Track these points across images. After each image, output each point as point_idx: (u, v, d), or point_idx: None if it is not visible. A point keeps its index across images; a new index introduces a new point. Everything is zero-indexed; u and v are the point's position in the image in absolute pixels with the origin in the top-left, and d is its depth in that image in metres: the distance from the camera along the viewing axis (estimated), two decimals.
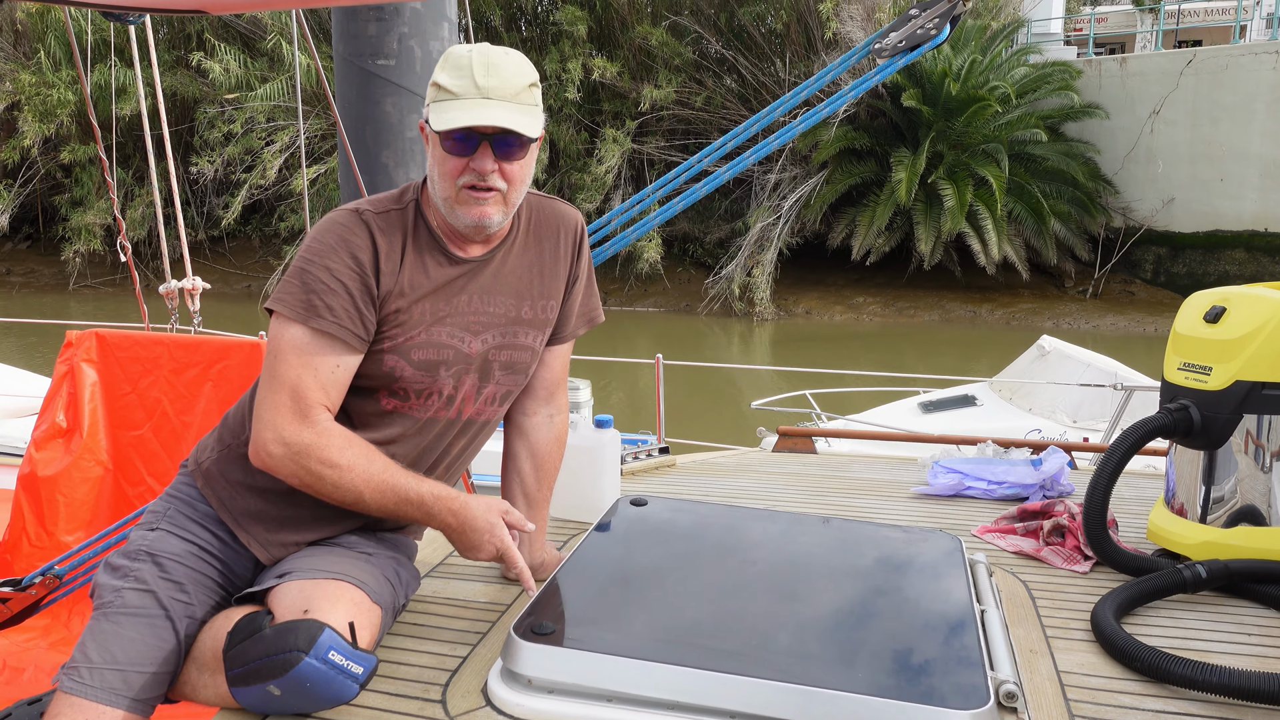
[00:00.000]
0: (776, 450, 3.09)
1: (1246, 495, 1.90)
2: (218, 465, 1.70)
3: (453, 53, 1.63)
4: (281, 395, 1.56)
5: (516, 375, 1.78)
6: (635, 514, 1.95)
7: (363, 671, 1.39)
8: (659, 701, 1.36)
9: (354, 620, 1.44)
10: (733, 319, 17.44)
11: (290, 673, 1.34)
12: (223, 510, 1.67)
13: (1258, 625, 1.73)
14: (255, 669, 1.37)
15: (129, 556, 1.60)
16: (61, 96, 18.83)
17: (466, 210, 1.64)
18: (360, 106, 3.53)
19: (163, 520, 1.66)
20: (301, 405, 1.56)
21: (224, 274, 20.20)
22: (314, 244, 1.61)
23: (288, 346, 1.58)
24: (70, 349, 3.41)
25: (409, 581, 1.73)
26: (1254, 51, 16.30)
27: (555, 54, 18.38)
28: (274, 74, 18.61)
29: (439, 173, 1.64)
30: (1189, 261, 17.22)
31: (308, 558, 1.61)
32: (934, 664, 1.40)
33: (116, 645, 1.49)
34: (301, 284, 1.58)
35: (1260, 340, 1.84)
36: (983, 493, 2.49)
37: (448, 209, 1.65)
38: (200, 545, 1.64)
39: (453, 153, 1.61)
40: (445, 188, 1.64)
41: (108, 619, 1.52)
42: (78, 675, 1.46)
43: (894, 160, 16.57)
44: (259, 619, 1.44)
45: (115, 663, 1.47)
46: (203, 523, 1.67)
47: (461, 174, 1.62)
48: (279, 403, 1.56)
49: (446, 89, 1.60)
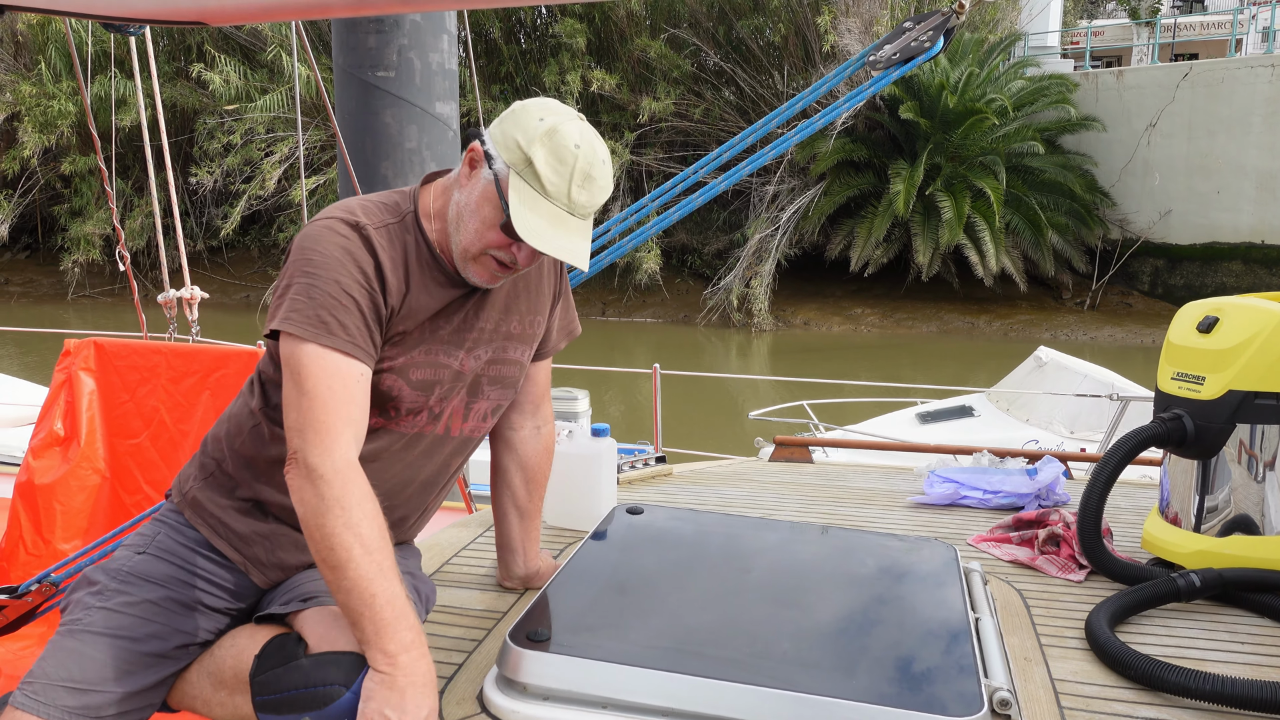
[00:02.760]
0: (773, 460, 3.10)
1: (1240, 504, 1.91)
2: (203, 492, 1.64)
3: (563, 133, 1.49)
4: (311, 414, 1.43)
5: (506, 390, 1.74)
6: (631, 522, 1.96)
7: None
8: (654, 708, 1.36)
9: None
10: (731, 330, 17.46)
11: (330, 706, 1.32)
12: (215, 538, 1.61)
13: (1251, 634, 1.73)
14: (290, 699, 1.34)
15: (109, 575, 1.55)
16: (62, 107, 18.89)
17: (479, 273, 1.56)
18: (360, 118, 3.55)
19: (151, 544, 1.60)
20: (329, 430, 1.43)
21: (223, 284, 20.22)
22: (314, 254, 1.49)
23: (307, 367, 1.44)
24: (68, 357, 3.41)
25: (428, 596, 1.68)
26: (1249, 65, 16.39)
27: (554, 66, 18.45)
28: (274, 85, 18.68)
29: (473, 228, 1.53)
30: (1186, 273, 17.27)
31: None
32: (928, 672, 1.41)
33: (75, 663, 1.45)
34: (309, 299, 1.46)
35: (1253, 350, 1.85)
36: (978, 502, 2.50)
37: (461, 257, 1.56)
38: (189, 569, 1.58)
39: (506, 234, 1.51)
40: (469, 242, 1.54)
41: (73, 636, 1.48)
42: (31, 691, 1.43)
43: (892, 172, 16.63)
44: (291, 646, 1.40)
45: (72, 680, 1.43)
46: (193, 547, 1.61)
47: (496, 248, 1.53)
48: (307, 423, 1.43)
49: (541, 178, 1.48)
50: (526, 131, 1.49)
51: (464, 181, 1.55)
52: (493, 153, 1.51)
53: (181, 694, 1.51)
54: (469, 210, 1.53)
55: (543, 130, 1.49)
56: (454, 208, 1.56)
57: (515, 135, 1.50)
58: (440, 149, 3.65)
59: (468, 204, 1.54)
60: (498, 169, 1.50)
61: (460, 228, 1.55)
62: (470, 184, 1.54)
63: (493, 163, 1.51)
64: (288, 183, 18.53)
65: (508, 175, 1.49)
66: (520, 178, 1.49)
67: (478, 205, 1.52)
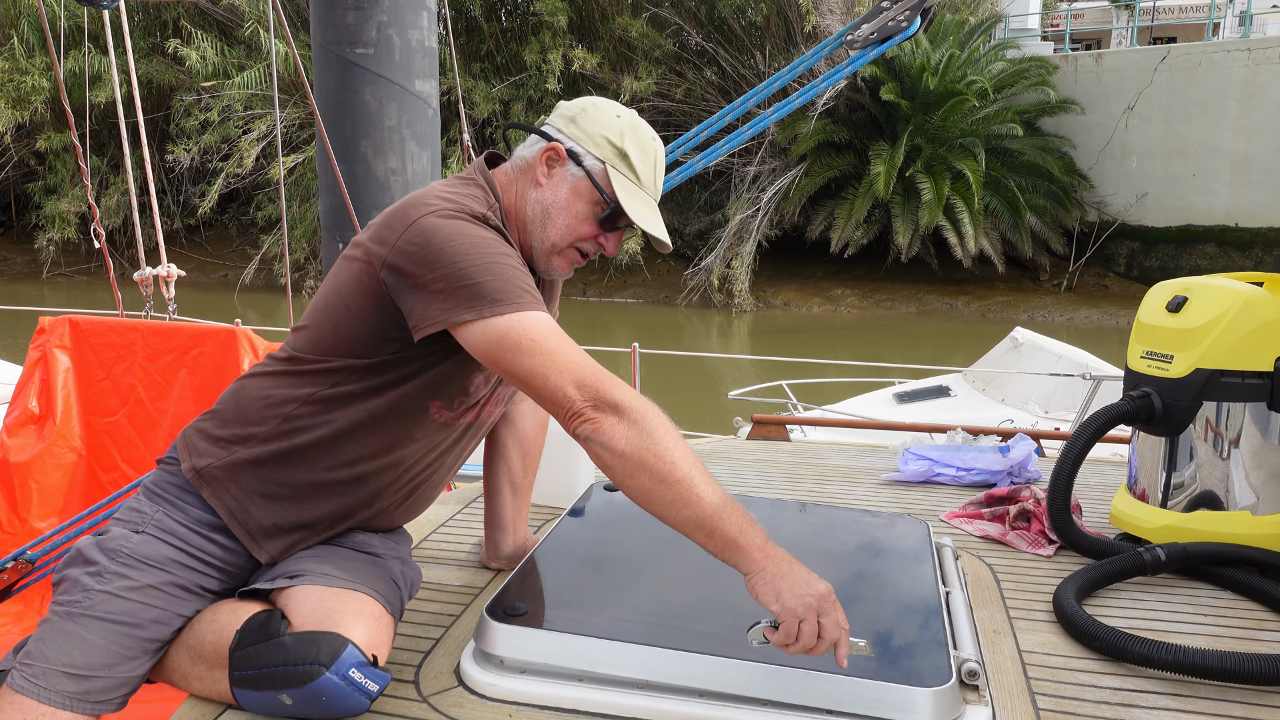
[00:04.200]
0: (751, 438, 3.12)
1: (1205, 481, 1.95)
2: (226, 472, 1.57)
3: (642, 129, 1.62)
4: (575, 365, 1.40)
5: None
6: (608, 499, 1.98)
7: (377, 690, 1.36)
8: (630, 681, 1.38)
9: (374, 637, 1.42)
10: (712, 310, 17.48)
11: (309, 685, 1.32)
12: (233, 521, 1.57)
13: (1213, 606, 1.77)
14: (269, 675, 1.34)
15: (107, 555, 1.51)
16: (35, 83, 18.61)
17: (561, 267, 1.63)
18: (339, 95, 3.52)
19: (148, 523, 1.55)
20: (600, 371, 1.41)
21: (200, 263, 20.04)
22: (470, 240, 1.45)
23: (539, 333, 1.41)
24: (43, 335, 3.39)
25: (413, 581, 1.67)
26: (1226, 49, 16.49)
27: (535, 45, 18.33)
28: (251, 62, 18.46)
29: (565, 223, 1.59)
30: (1161, 256, 17.42)
31: (316, 560, 1.54)
32: (899, 643, 1.44)
33: (77, 649, 1.43)
34: (498, 278, 1.43)
35: (1220, 329, 1.89)
36: (952, 479, 2.53)
37: (544, 253, 1.61)
38: (189, 552, 1.55)
39: (600, 225, 1.60)
40: (559, 237, 1.60)
41: (72, 619, 1.45)
42: (31, 675, 1.41)
43: (872, 153, 16.65)
44: (274, 622, 1.39)
45: (73, 666, 1.41)
46: (193, 527, 1.57)
47: (585, 240, 1.61)
48: (579, 373, 1.40)
49: (635, 169, 1.59)
50: (613, 128, 1.59)
51: (542, 180, 1.60)
52: (578, 150, 1.59)
53: (160, 665, 1.49)
54: (558, 207, 1.59)
55: (626, 125, 1.60)
56: (535, 206, 1.61)
57: (603, 132, 1.59)
58: (420, 127, 3.63)
59: (555, 201, 1.59)
60: (590, 165, 1.58)
61: (548, 225, 1.60)
62: (553, 182, 1.60)
63: (581, 160, 1.59)
64: (266, 161, 18.35)
65: (603, 170, 1.58)
66: (618, 171, 1.58)
67: (568, 201, 1.59)
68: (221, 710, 1.40)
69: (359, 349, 1.54)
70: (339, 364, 1.55)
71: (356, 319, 1.53)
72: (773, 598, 1.33)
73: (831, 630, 1.31)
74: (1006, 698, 1.43)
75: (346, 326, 1.54)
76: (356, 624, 1.41)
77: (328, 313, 1.56)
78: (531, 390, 1.42)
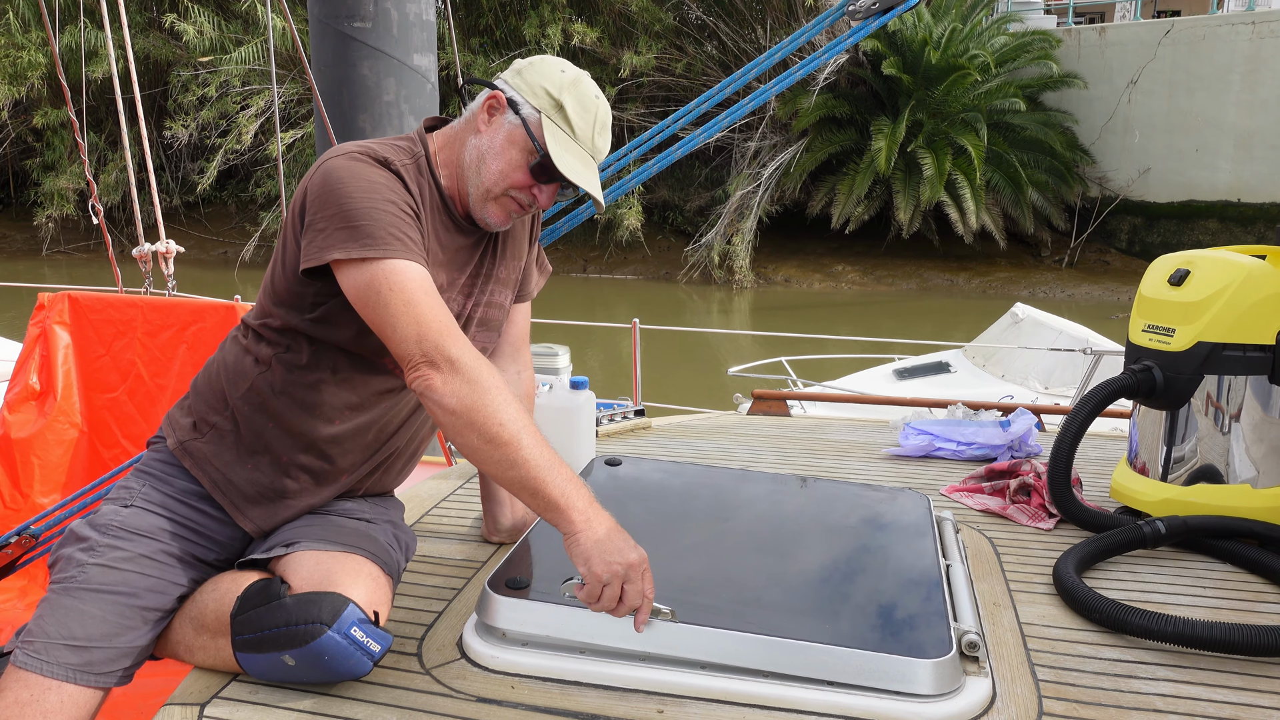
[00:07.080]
0: (751, 413, 3.12)
1: (1206, 454, 1.95)
2: (208, 445, 1.62)
3: (584, 85, 1.62)
4: (427, 318, 1.43)
5: (490, 333, 1.79)
6: (610, 474, 1.98)
7: (380, 649, 1.36)
8: (631, 653, 1.39)
9: (373, 596, 1.43)
10: (712, 287, 17.45)
11: (311, 644, 1.32)
12: (216, 491, 1.61)
13: (1213, 578, 1.78)
14: (271, 636, 1.34)
15: (99, 530, 1.53)
16: (31, 59, 18.47)
17: (496, 213, 1.64)
18: (336, 70, 3.50)
19: (136, 497, 1.59)
20: (450, 326, 1.44)
21: (200, 240, 19.98)
22: (357, 182, 1.49)
23: (401, 281, 1.43)
24: (43, 311, 3.38)
25: (408, 544, 1.70)
26: (1230, 22, 16.35)
27: (534, 19, 18.19)
28: (249, 37, 18.32)
29: (498, 169, 1.60)
30: (1163, 231, 17.36)
31: (310, 527, 1.57)
32: (900, 616, 1.44)
33: (76, 621, 1.44)
34: (373, 221, 1.46)
35: (1222, 302, 1.88)
36: (952, 454, 2.53)
37: (478, 198, 1.63)
38: (178, 521, 1.58)
39: (532, 174, 1.60)
40: (492, 182, 1.61)
41: (69, 594, 1.47)
42: (32, 650, 1.43)
43: (874, 129, 16.55)
44: (275, 586, 1.40)
45: (73, 638, 1.43)
46: (180, 498, 1.61)
47: (519, 189, 1.62)
48: (427, 325, 1.42)
49: (570, 122, 1.59)
50: (553, 80, 1.60)
51: (482, 127, 1.62)
52: (517, 99, 1.60)
53: (165, 640, 1.51)
54: (492, 152, 1.61)
55: (568, 80, 1.61)
56: (472, 151, 1.64)
57: (542, 83, 1.60)
58: (418, 101, 3.62)
59: (490, 147, 1.61)
60: (526, 114, 1.59)
61: (482, 169, 1.62)
62: (491, 129, 1.62)
63: (519, 108, 1.60)
64: (264, 137, 18.26)
65: (538, 119, 1.59)
66: (552, 121, 1.59)
67: (503, 148, 1.60)
68: (227, 680, 1.41)
69: (290, 299, 1.58)
70: (281, 322, 1.60)
71: (285, 269, 1.58)
72: (582, 561, 1.38)
73: (633, 598, 1.36)
74: (1006, 669, 1.44)
75: (280, 279, 1.59)
76: (355, 583, 1.43)
77: (269, 273, 1.63)
78: (383, 338, 1.47)
